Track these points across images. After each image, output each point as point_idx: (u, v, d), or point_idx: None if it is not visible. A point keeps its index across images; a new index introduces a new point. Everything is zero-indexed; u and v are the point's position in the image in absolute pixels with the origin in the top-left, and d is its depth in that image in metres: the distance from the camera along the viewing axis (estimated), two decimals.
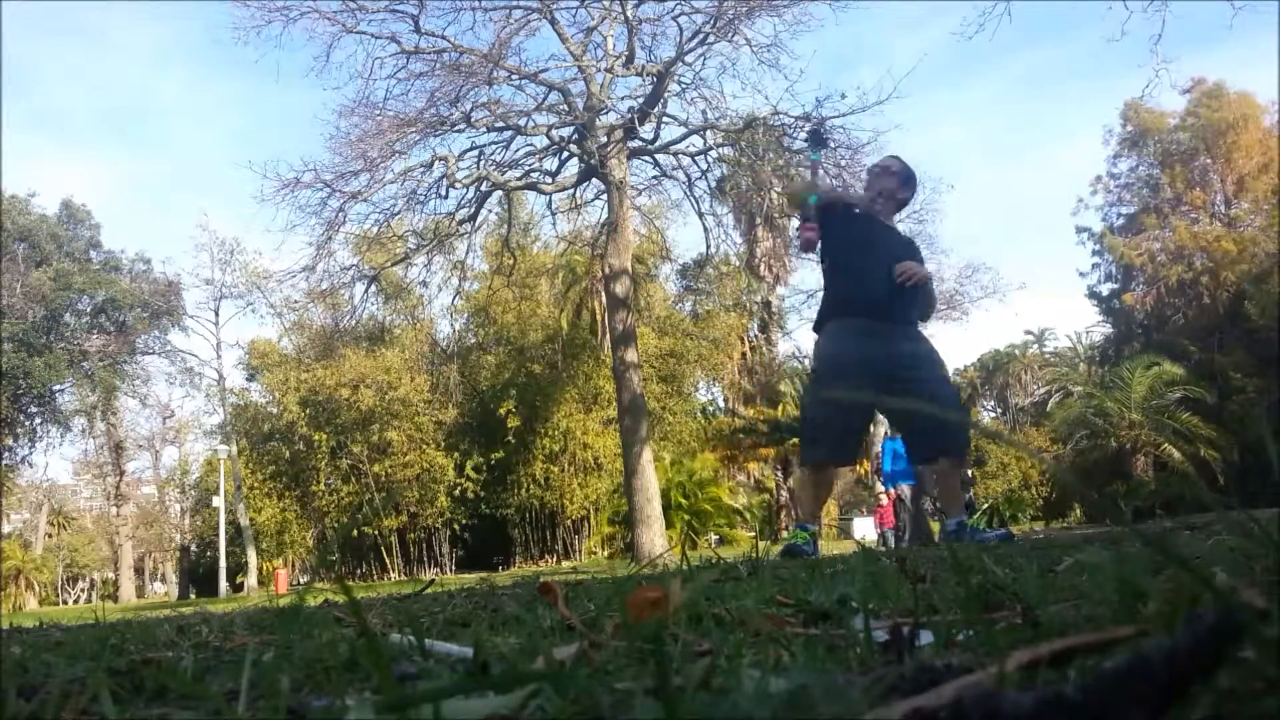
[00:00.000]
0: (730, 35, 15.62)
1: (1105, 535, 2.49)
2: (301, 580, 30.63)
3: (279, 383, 29.02)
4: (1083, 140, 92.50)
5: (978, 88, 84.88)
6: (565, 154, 17.35)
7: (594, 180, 17.23)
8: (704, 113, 16.76)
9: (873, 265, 4.47)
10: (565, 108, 16.71)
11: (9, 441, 31.78)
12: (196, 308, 32.65)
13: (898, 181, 4.81)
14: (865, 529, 30.87)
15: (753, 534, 31.20)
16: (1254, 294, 27.00)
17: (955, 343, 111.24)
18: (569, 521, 29.25)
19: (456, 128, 16.07)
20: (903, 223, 23.33)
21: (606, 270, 16.75)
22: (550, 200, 18.72)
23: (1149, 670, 0.41)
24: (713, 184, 18.59)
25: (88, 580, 51.83)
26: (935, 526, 13.61)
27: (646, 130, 17.00)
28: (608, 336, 19.11)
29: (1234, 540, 1.23)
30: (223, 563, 29.94)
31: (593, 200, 18.82)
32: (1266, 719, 0.42)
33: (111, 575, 42.19)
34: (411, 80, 16.03)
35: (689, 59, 16.20)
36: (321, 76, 31.21)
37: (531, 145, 17.50)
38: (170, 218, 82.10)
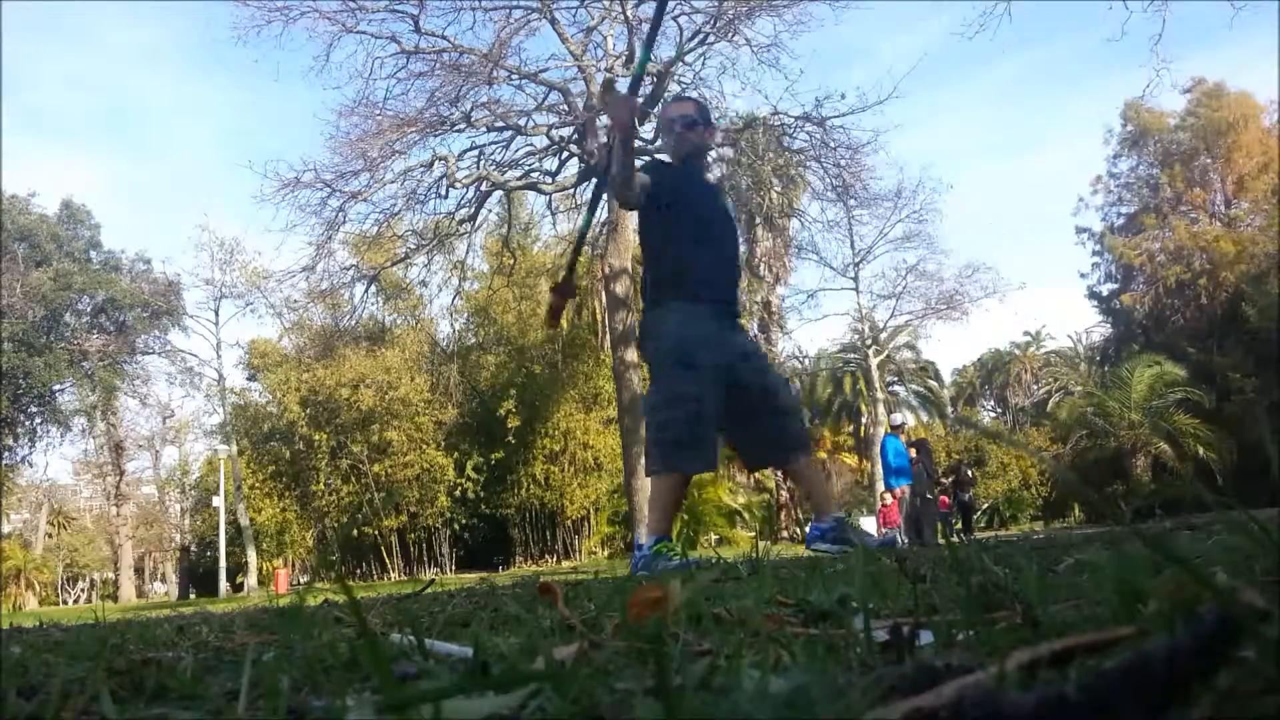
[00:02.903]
0: (730, 35, 15.62)
1: (1105, 535, 2.49)
2: (301, 580, 30.63)
3: (279, 383, 29.01)
4: (1083, 140, 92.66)
5: (977, 87, 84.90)
6: (565, 154, 17.35)
7: (594, 180, 17.23)
8: None
9: (715, 235, 3.91)
10: (565, 108, 16.71)
11: (9, 441, 31.78)
12: (196, 308, 32.67)
13: (707, 127, 4.08)
14: (866, 529, 30.85)
15: (753, 534, 31.19)
16: (1252, 294, 27.00)
17: (955, 343, 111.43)
18: (569, 521, 29.24)
19: (456, 128, 16.08)
20: (903, 223, 22.99)
21: (606, 270, 16.75)
22: (550, 200, 18.73)
23: (1149, 670, 0.41)
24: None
25: (88, 580, 51.80)
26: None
27: (646, 130, 16.99)
28: (608, 336, 19.11)
29: (1234, 540, 1.23)
30: (223, 563, 29.93)
31: None
32: (1266, 719, 0.42)
33: (111, 575, 42.15)
34: (411, 80, 16.05)
35: (689, 59, 16.21)
36: (321, 76, 31.27)
37: (531, 145, 17.51)
38: (170, 218, 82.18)
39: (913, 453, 14.04)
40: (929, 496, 13.88)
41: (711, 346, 3.67)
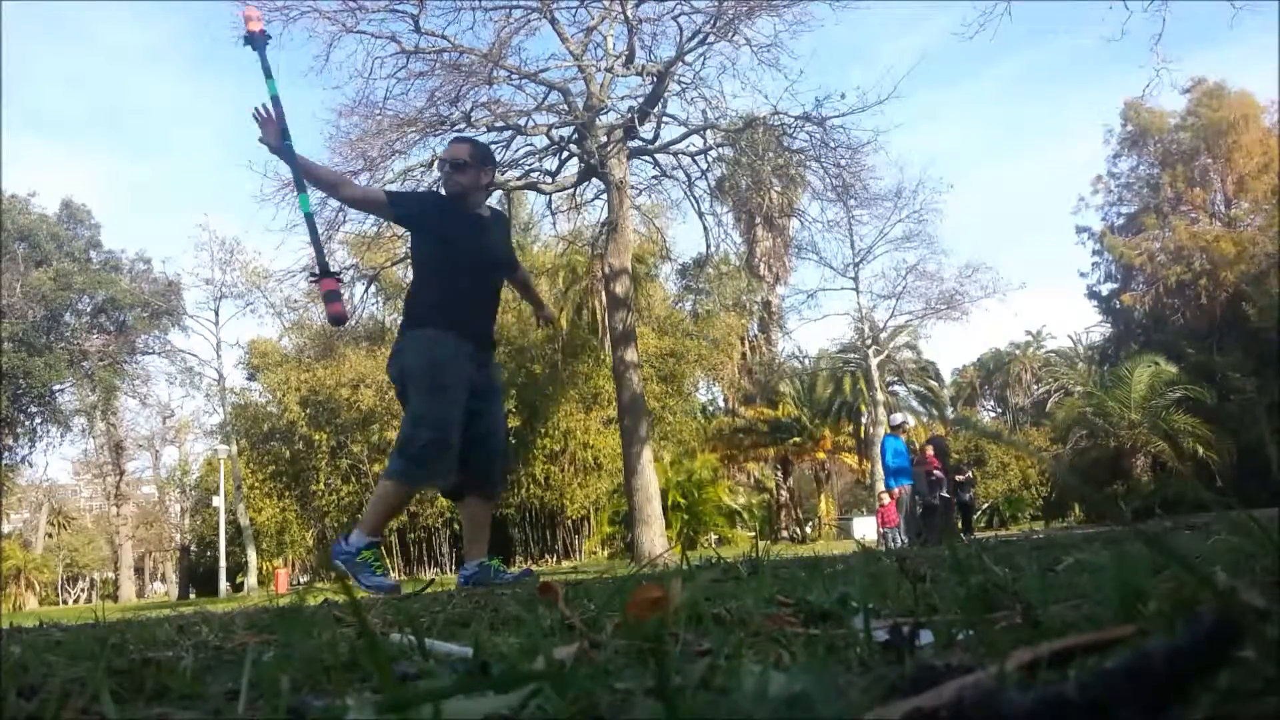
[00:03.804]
0: (730, 35, 15.60)
1: (1105, 535, 2.49)
2: (301, 580, 30.64)
3: (279, 382, 29.02)
4: (1083, 140, 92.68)
5: (977, 87, 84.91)
6: (565, 154, 17.33)
7: (594, 180, 17.23)
8: (704, 113, 16.76)
9: (478, 270, 4.14)
10: (565, 107, 16.70)
11: (9, 441, 31.78)
12: (196, 308, 32.70)
13: (481, 168, 4.28)
14: (865, 529, 30.87)
15: (752, 534, 31.20)
16: (1253, 294, 27.00)
17: (955, 343, 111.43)
18: (569, 521, 29.25)
19: (456, 127, 16.06)
20: (902, 223, 22.82)
21: (606, 270, 16.75)
22: (550, 200, 18.73)
23: (1149, 670, 0.41)
24: (713, 184, 18.60)
25: (88, 580, 51.81)
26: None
27: (646, 130, 16.99)
28: (608, 336, 19.11)
29: (1234, 540, 1.23)
30: (223, 563, 29.94)
31: (593, 200, 18.84)
32: (1266, 719, 0.42)
33: (111, 575, 42.17)
34: (411, 80, 16.02)
35: (689, 59, 16.19)
36: (321, 76, 31.23)
37: (531, 145, 17.49)
38: (170, 218, 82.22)
39: (929, 451, 14.04)
40: (944, 495, 13.85)
41: (459, 375, 3.95)
